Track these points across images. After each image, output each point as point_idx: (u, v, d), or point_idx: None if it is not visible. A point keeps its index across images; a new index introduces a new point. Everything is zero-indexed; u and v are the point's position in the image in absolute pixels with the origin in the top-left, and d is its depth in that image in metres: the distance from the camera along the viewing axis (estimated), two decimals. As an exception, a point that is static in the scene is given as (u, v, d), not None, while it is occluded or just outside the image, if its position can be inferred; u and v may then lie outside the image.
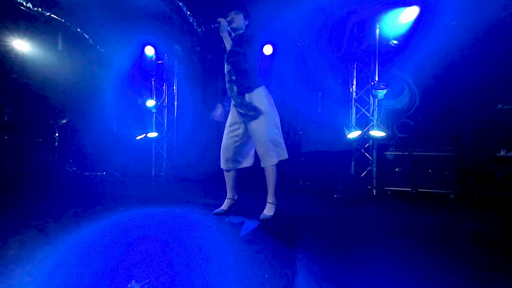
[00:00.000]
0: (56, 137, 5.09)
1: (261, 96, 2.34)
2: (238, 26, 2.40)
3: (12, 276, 1.23)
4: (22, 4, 4.20)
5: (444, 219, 2.61)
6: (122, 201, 2.97)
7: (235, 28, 2.41)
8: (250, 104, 2.31)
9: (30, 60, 4.87)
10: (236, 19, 2.39)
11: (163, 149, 5.58)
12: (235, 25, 2.39)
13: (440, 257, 1.61)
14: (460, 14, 3.72)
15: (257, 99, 2.32)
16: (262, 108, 2.30)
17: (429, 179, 3.52)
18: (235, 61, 2.30)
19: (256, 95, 2.33)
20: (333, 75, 4.73)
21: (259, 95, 2.34)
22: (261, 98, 2.33)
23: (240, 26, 2.41)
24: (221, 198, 2.66)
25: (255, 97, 2.33)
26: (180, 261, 1.43)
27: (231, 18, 2.39)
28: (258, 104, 2.30)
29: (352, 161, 4.35)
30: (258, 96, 2.33)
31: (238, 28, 2.41)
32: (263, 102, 2.33)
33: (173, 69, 5.63)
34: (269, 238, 1.86)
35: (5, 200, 2.98)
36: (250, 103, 2.31)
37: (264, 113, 2.30)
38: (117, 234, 1.88)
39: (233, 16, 2.39)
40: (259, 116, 2.29)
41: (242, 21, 2.41)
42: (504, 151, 3.23)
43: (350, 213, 2.80)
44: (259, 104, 2.31)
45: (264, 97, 2.35)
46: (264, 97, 2.35)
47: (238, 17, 2.39)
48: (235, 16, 2.39)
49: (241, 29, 2.43)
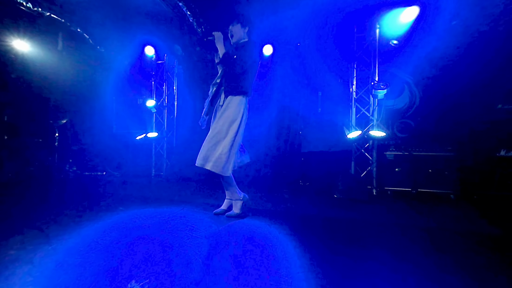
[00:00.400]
0: (56, 137, 5.09)
1: (235, 104, 2.34)
2: (239, 38, 2.44)
3: (12, 276, 1.23)
4: (22, 4, 4.20)
5: (444, 219, 2.61)
6: (122, 201, 2.97)
7: (236, 42, 2.46)
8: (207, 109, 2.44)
9: (30, 60, 4.87)
10: (235, 31, 2.43)
11: (163, 149, 5.58)
12: (235, 39, 2.44)
13: (440, 257, 1.61)
14: (460, 14, 3.72)
15: (230, 105, 2.34)
16: (228, 112, 2.32)
17: (429, 179, 3.52)
18: (226, 65, 2.36)
19: (230, 100, 2.35)
20: (333, 75, 4.73)
21: (233, 102, 2.34)
22: (233, 106, 2.33)
23: (240, 37, 2.44)
24: (221, 198, 2.66)
25: (228, 102, 2.35)
26: (180, 261, 1.43)
27: (230, 33, 2.44)
28: (227, 108, 2.33)
29: (352, 161, 4.34)
30: (231, 103, 2.34)
31: (239, 39, 2.45)
32: (235, 109, 2.32)
33: (173, 69, 5.64)
34: (269, 238, 1.86)
35: (5, 200, 2.98)
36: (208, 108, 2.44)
37: (225, 121, 2.31)
38: (117, 234, 1.88)
39: (231, 30, 2.44)
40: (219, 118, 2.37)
41: (241, 31, 2.43)
42: (504, 151, 3.23)
43: (350, 213, 2.80)
44: (228, 109, 2.33)
45: (238, 106, 2.33)
46: (237, 107, 2.33)
47: (235, 28, 2.42)
48: (232, 28, 2.43)
49: (242, 39, 2.45)
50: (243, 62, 2.31)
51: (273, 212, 2.67)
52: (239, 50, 2.38)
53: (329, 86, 4.81)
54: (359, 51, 4.32)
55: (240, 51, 2.36)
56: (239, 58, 2.32)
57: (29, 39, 4.77)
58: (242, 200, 2.45)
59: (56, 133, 5.12)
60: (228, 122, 2.31)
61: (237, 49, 2.41)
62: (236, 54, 2.35)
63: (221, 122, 2.33)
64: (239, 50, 2.39)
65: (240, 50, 2.37)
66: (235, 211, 2.42)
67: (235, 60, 2.32)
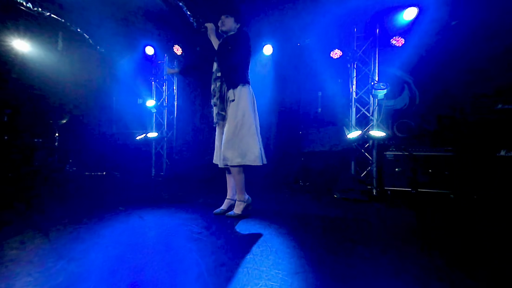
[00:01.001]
0: (56, 137, 5.09)
1: (244, 93, 2.35)
2: (228, 29, 2.46)
3: (12, 276, 1.23)
4: (22, 4, 4.20)
5: (444, 219, 2.61)
6: (122, 201, 2.97)
7: (225, 31, 2.48)
8: (222, 105, 2.38)
9: (30, 60, 4.87)
10: (226, 22, 2.45)
11: (163, 149, 5.58)
12: (224, 28, 2.46)
13: (440, 257, 1.61)
14: (460, 13, 3.72)
15: (240, 96, 2.34)
16: (242, 105, 2.32)
17: (429, 179, 3.51)
18: (221, 58, 2.37)
19: (239, 91, 2.35)
20: (333, 75, 4.73)
21: (242, 92, 2.35)
22: (244, 96, 2.35)
23: (230, 29, 2.47)
24: (221, 198, 2.66)
25: (238, 94, 2.34)
26: (179, 261, 1.43)
27: (221, 21, 2.46)
28: (239, 100, 2.33)
29: (352, 161, 4.34)
30: (241, 93, 2.35)
31: (229, 31, 2.47)
32: (245, 100, 2.34)
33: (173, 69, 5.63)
34: (269, 238, 1.86)
35: (5, 200, 2.98)
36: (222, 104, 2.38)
37: (241, 111, 2.31)
38: (116, 234, 1.88)
39: (223, 20, 2.46)
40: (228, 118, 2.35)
41: (232, 24, 2.46)
42: (504, 151, 3.22)
43: (350, 213, 2.80)
44: (241, 100, 2.33)
45: (247, 95, 2.36)
46: (247, 96, 2.36)
47: (228, 20, 2.45)
48: (225, 19, 2.45)
49: (231, 32, 2.48)
50: (238, 52, 2.33)
51: (273, 212, 2.67)
52: (231, 41, 2.39)
53: (329, 86, 4.81)
54: (359, 51, 4.32)
55: (232, 41, 2.37)
56: (233, 48, 2.33)
57: (29, 39, 4.77)
58: (245, 202, 2.45)
59: (56, 133, 5.11)
60: (247, 115, 2.32)
61: (229, 40, 2.42)
62: (231, 45, 2.36)
63: (240, 117, 2.32)
64: (231, 40, 2.40)
65: (232, 40, 2.39)
66: (236, 211, 2.42)
67: (229, 51, 2.34)
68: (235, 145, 2.30)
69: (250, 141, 2.31)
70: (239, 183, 2.39)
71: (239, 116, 2.32)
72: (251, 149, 2.30)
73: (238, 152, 2.29)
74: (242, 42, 2.36)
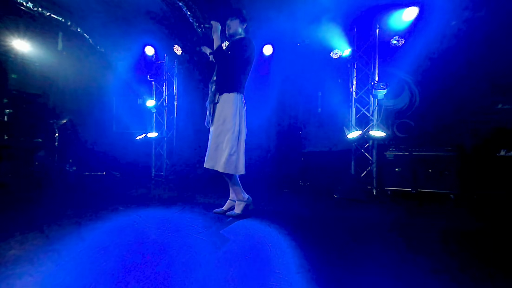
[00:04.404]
0: (56, 137, 5.09)
1: (230, 100, 2.32)
2: (235, 31, 2.45)
3: (12, 276, 1.23)
4: (22, 4, 4.20)
5: (444, 219, 2.61)
6: (122, 201, 2.97)
7: (231, 34, 2.47)
8: (212, 109, 2.42)
9: (30, 60, 4.87)
10: (232, 25, 2.44)
11: (163, 149, 5.58)
12: (231, 31, 2.46)
13: (440, 256, 1.61)
14: (460, 13, 3.72)
15: (225, 103, 2.33)
16: (225, 112, 2.32)
17: (429, 179, 3.52)
18: (219, 62, 2.38)
19: (226, 97, 2.34)
20: (333, 75, 4.72)
21: (228, 100, 2.33)
22: (228, 104, 2.32)
23: (236, 32, 2.46)
24: (221, 198, 2.66)
25: (224, 99, 2.34)
26: (179, 261, 1.43)
27: (227, 26, 2.46)
28: (223, 107, 2.33)
29: (352, 161, 4.34)
30: (226, 101, 2.33)
31: (235, 34, 2.47)
32: (229, 108, 2.31)
33: (173, 69, 5.63)
34: (269, 238, 1.86)
35: (5, 200, 2.98)
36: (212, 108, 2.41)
37: (223, 118, 2.32)
38: (116, 234, 1.88)
39: (229, 23, 2.45)
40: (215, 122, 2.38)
41: (238, 26, 2.45)
42: (504, 151, 3.23)
43: (350, 213, 2.80)
44: (225, 107, 2.32)
45: (233, 104, 2.31)
46: (232, 104, 2.31)
47: (233, 23, 2.44)
48: (230, 23, 2.45)
49: (238, 35, 2.47)
50: (236, 58, 2.32)
51: (273, 212, 2.67)
52: (233, 46, 2.38)
53: (329, 86, 4.81)
54: (359, 51, 4.31)
55: (234, 47, 2.36)
56: (233, 54, 2.32)
57: (29, 39, 4.77)
58: (245, 201, 2.45)
59: (56, 133, 5.11)
60: (227, 122, 2.31)
61: (232, 45, 2.42)
62: (230, 50, 2.35)
63: (220, 122, 2.34)
64: (233, 45, 2.39)
65: (234, 45, 2.38)
66: (236, 211, 2.42)
67: (228, 56, 2.33)
68: (213, 151, 2.34)
69: (223, 148, 2.29)
70: (231, 185, 2.43)
71: (220, 121, 2.33)
72: (220, 156, 2.30)
73: (213, 157, 2.34)
74: (243, 50, 2.33)
